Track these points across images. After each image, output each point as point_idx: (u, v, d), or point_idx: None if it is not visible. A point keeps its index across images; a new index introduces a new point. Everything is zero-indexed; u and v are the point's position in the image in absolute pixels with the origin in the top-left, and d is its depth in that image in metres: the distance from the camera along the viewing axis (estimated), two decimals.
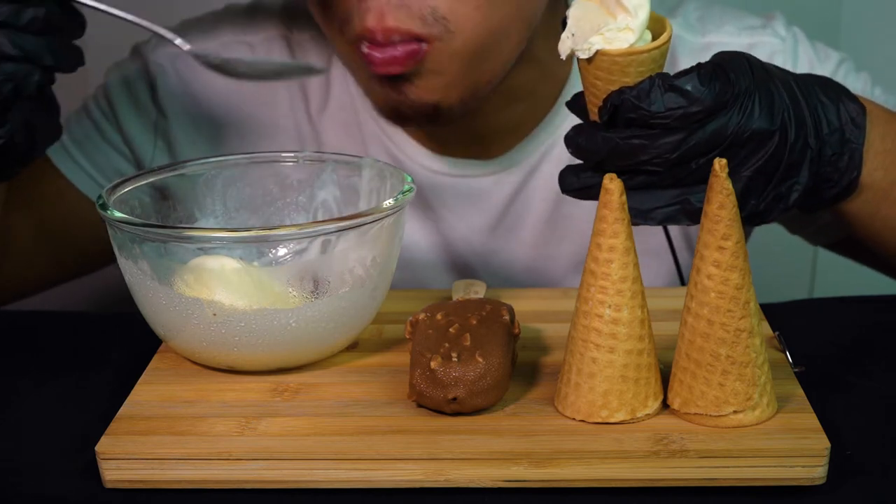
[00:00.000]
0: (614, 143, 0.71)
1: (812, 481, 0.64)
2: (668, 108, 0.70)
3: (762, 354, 0.66)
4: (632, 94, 0.70)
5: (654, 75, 0.70)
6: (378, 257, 0.73)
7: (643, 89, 0.70)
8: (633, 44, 0.69)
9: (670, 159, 0.71)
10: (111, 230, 0.72)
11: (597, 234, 0.65)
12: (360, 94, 1.00)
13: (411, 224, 1.01)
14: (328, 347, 0.74)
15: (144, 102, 1.01)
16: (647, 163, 0.71)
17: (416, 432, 0.66)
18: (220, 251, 0.71)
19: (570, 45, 0.70)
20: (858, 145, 0.78)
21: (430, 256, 1.03)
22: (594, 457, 0.64)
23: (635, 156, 0.71)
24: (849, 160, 0.78)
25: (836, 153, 0.77)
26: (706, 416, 0.65)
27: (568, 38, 0.70)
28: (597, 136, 0.72)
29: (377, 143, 1.00)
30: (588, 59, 0.69)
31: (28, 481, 0.66)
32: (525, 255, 1.03)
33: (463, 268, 1.03)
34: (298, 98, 1.01)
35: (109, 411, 0.69)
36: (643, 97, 0.70)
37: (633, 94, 0.70)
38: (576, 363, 0.66)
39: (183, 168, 0.81)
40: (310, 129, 1.01)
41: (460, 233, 1.02)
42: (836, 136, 0.77)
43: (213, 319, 0.70)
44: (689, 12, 1.03)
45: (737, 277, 0.64)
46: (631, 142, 0.71)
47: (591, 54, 0.69)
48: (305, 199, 0.83)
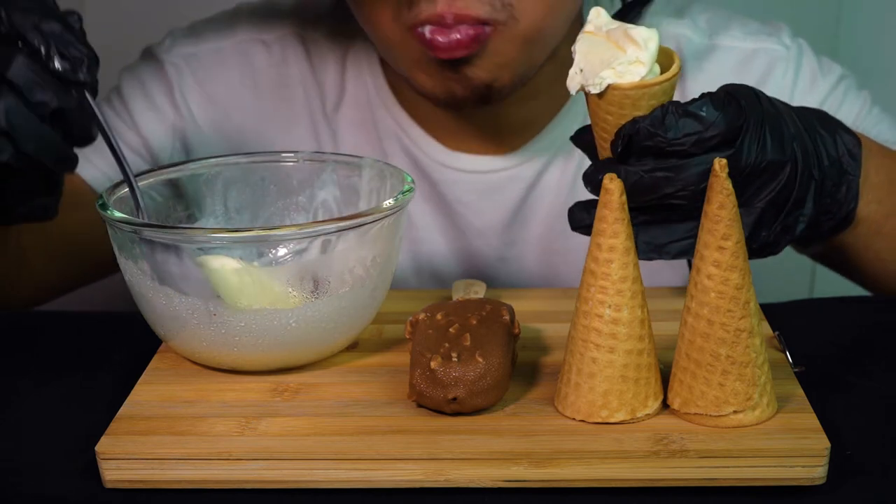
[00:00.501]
0: (638, 176, 0.71)
1: (812, 481, 0.64)
2: (684, 134, 0.69)
3: (762, 354, 0.66)
4: (646, 123, 0.69)
5: (667, 103, 0.70)
6: (378, 257, 0.73)
7: (656, 117, 0.69)
8: (644, 77, 0.68)
9: (696, 191, 0.70)
10: (111, 230, 0.72)
11: (597, 234, 0.65)
12: (377, 91, 1.01)
13: (427, 219, 1.02)
14: (328, 347, 0.74)
15: (161, 104, 1.01)
16: (672, 196, 0.71)
17: (416, 432, 0.66)
18: (220, 251, 0.71)
19: (579, 80, 0.70)
20: (855, 177, 0.79)
21: (446, 251, 1.04)
22: (594, 457, 0.64)
23: (660, 189, 0.71)
24: (846, 191, 0.79)
25: (835, 184, 0.78)
26: (706, 416, 0.65)
27: (577, 74, 0.70)
28: (619, 170, 0.71)
29: (393, 140, 1.01)
30: (599, 95, 0.69)
31: (28, 481, 0.66)
32: (538, 248, 1.03)
33: (478, 261, 1.04)
34: (315, 95, 1.02)
35: (109, 411, 0.69)
36: (658, 124, 0.69)
37: (647, 122, 0.69)
38: (576, 363, 0.66)
39: (183, 168, 0.81)
40: (326, 126, 1.02)
41: (476, 227, 1.03)
42: (835, 167, 0.78)
43: (213, 319, 0.70)
44: (696, 14, 1.04)
45: (737, 277, 0.64)
46: (655, 175, 0.71)
47: (603, 89, 0.69)
48: (305, 199, 0.83)
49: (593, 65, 0.69)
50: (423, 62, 0.88)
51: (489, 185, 1.01)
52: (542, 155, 1.01)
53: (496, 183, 1.01)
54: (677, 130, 0.69)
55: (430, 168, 1.01)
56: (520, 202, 1.02)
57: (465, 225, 1.03)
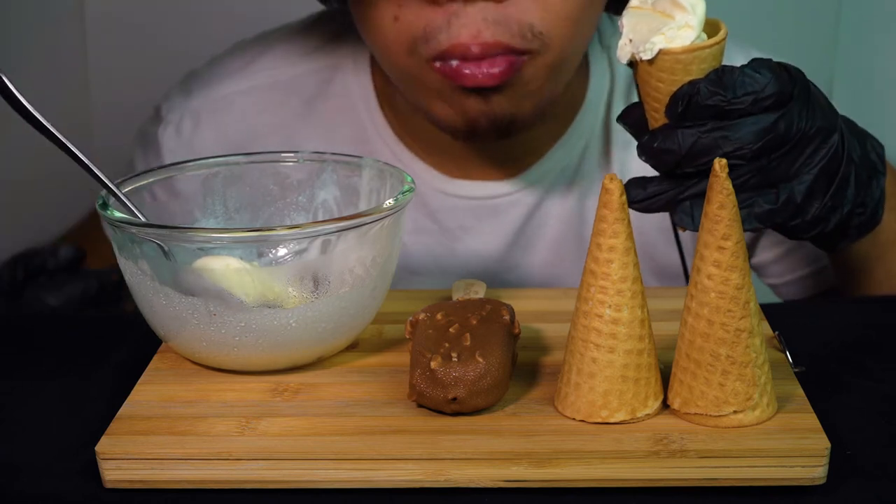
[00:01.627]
0: (696, 137, 0.70)
1: (812, 481, 0.64)
2: (743, 93, 0.69)
3: (762, 354, 0.66)
4: (706, 83, 0.69)
5: (719, 67, 0.70)
6: (378, 257, 0.73)
7: (714, 78, 0.69)
8: (694, 41, 0.69)
9: (753, 149, 0.70)
10: (111, 230, 0.72)
11: (597, 234, 0.65)
12: (374, 124, 1.00)
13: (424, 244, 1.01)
14: (328, 347, 0.74)
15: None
16: (729, 156, 0.70)
17: (416, 432, 0.66)
18: (220, 251, 0.71)
19: (629, 49, 0.70)
20: (883, 174, 0.79)
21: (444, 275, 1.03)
22: (594, 457, 0.64)
23: (719, 149, 0.70)
24: (877, 187, 0.78)
25: (868, 176, 0.77)
26: (706, 416, 0.65)
27: (627, 44, 0.70)
28: (676, 133, 0.70)
29: None
30: (650, 61, 0.69)
31: (28, 481, 0.66)
32: (539, 273, 1.03)
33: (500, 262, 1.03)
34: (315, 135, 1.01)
35: (109, 411, 0.69)
36: (718, 84, 0.69)
37: (706, 83, 0.69)
38: (576, 363, 0.66)
39: (183, 168, 0.81)
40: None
41: (475, 252, 1.02)
42: (866, 161, 0.77)
43: (213, 319, 0.70)
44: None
45: (737, 277, 0.64)
46: (713, 134, 0.70)
47: (654, 54, 0.69)
48: (305, 199, 0.83)
49: (642, 34, 0.70)
50: (446, 92, 0.87)
51: (490, 210, 1.00)
52: (544, 180, 1.00)
53: (498, 207, 1.00)
54: (736, 90, 0.69)
55: (429, 197, 1.00)
56: (521, 227, 1.01)
57: (465, 251, 1.02)
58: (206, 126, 1.03)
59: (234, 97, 1.03)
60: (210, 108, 1.04)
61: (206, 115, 1.04)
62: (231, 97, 1.03)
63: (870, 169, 0.77)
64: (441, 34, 0.83)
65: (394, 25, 0.85)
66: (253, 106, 1.03)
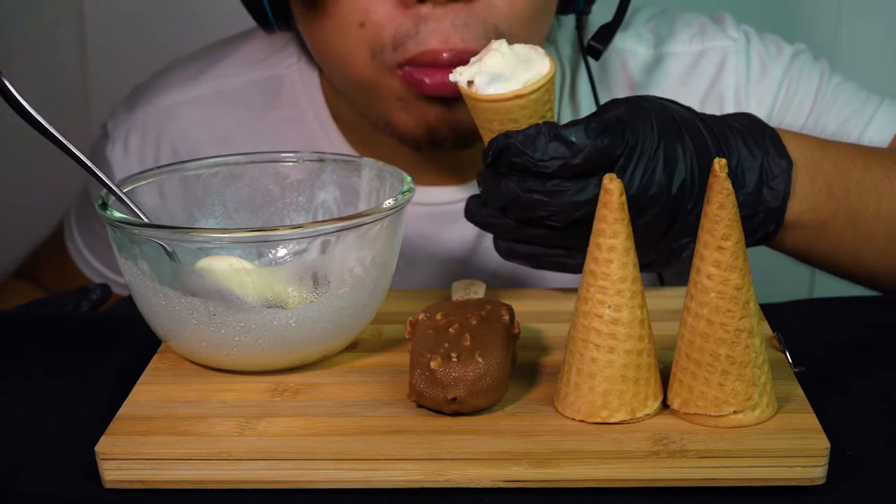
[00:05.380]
0: (515, 193, 0.73)
1: (812, 481, 0.64)
2: (550, 157, 0.71)
3: (762, 354, 0.66)
4: (518, 139, 0.71)
5: (542, 123, 0.72)
6: (378, 257, 0.73)
7: (529, 135, 0.72)
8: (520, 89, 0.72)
9: (568, 219, 0.73)
10: (111, 230, 0.72)
11: (597, 234, 0.65)
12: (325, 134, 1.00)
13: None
14: (328, 347, 0.74)
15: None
16: (547, 218, 0.74)
17: (416, 432, 0.66)
18: (220, 251, 0.71)
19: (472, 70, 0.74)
20: (777, 203, 0.79)
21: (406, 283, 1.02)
22: (594, 457, 0.64)
23: (534, 210, 0.73)
24: (764, 217, 0.80)
25: (747, 215, 0.78)
26: (706, 417, 0.65)
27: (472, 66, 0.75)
28: (500, 183, 0.73)
29: None
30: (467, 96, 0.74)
31: (28, 481, 0.66)
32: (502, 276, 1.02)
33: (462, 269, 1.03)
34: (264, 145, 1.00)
35: (109, 411, 0.69)
36: (528, 143, 0.71)
37: (518, 138, 0.71)
38: (575, 363, 0.66)
39: (182, 168, 0.81)
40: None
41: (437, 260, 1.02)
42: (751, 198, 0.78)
43: (213, 319, 0.70)
44: (639, 24, 1.02)
45: (736, 277, 0.64)
46: (531, 196, 0.73)
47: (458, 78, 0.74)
48: (305, 199, 0.83)
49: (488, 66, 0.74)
50: (409, 101, 0.86)
51: (449, 216, 1.00)
52: None
53: (456, 213, 0.99)
54: (544, 152, 0.71)
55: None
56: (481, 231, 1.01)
57: (426, 260, 1.01)
58: (153, 137, 1.03)
59: (177, 108, 1.03)
60: (154, 119, 1.03)
61: (152, 126, 1.03)
62: (174, 108, 1.03)
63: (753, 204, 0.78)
64: (409, 41, 0.82)
65: (359, 31, 0.84)
66: (198, 116, 1.02)
